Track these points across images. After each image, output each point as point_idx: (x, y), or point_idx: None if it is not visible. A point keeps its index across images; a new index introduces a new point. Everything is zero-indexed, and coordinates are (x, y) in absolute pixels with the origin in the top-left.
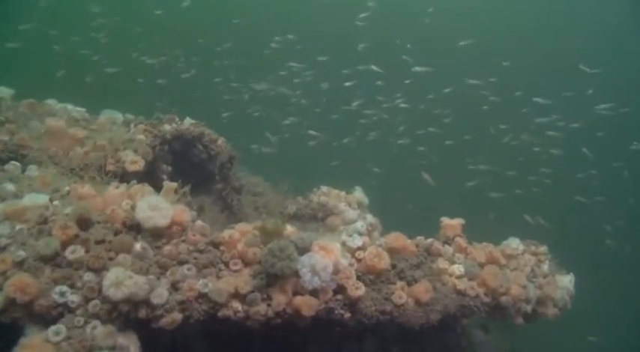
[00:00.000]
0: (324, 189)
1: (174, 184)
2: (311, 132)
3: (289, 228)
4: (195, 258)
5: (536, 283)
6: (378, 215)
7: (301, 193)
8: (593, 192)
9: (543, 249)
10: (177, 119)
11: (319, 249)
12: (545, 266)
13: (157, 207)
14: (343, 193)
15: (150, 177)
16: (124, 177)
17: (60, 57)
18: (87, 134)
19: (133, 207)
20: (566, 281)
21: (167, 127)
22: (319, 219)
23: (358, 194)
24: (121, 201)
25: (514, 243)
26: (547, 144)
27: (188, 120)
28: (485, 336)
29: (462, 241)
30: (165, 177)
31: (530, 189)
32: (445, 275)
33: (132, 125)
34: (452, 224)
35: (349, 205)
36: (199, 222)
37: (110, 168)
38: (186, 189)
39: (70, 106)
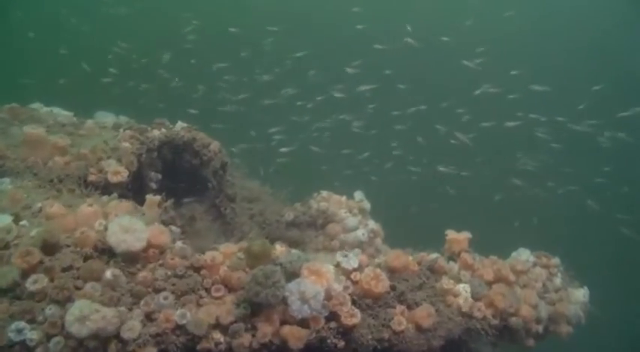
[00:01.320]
0: (325, 194)
1: (158, 198)
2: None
3: (278, 248)
4: (173, 285)
5: (548, 299)
6: (381, 219)
7: (301, 198)
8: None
9: (555, 260)
10: (167, 123)
11: (310, 273)
12: (558, 280)
13: (130, 228)
14: (344, 198)
15: (138, 185)
16: (106, 188)
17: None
18: (71, 141)
19: (106, 228)
20: (580, 295)
21: (156, 133)
22: (318, 226)
23: (359, 199)
24: (95, 220)
25: (524, 255)
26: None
27: (180, 124)
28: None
29: (468, 257)
30: (154, 185)
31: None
32: (449, 296)
33: (121, 130)
34: (458, 238)
35: (350, 211)
36: (179, 244)
37: (92, 178)
38: (170, 202)
39: (57, 110)
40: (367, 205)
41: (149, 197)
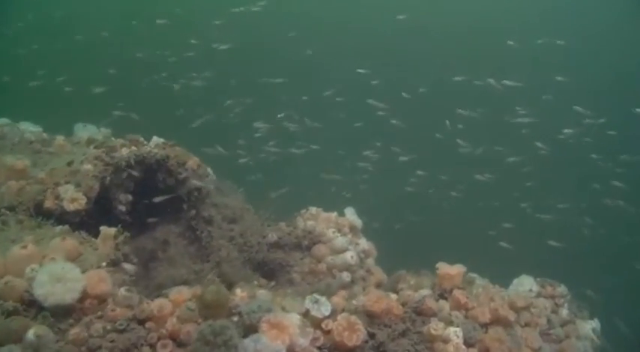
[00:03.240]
0: (313, 210)
1: (112, 230)
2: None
3: (239, 293)
4: (111, 341)
5: (553, 335)
6: (375, 235)
7: (289, 213)
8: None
9: (561, 289)
10: (141, 139)
11: (270, 326)
12: (565, 311)
13: (63, 277)
14: (334, 215)
15: (104, 209)
16: (62, 217)
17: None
18: (37, 160)
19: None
20: (589, 328)
21: (125, 152)
22: (304, 247)
23: (350, 216)
24: (27, 265)
25: (527, 283)
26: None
27: (155, 140)
28: None
29: (461, 295)
30: (123, 208)
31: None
32: (438, 343)
33: (91, 147)
34: (450, 273)
35: (339, 230)
36: (122, 292)
37: (48, 205)
38: (127, 235)
39: (25, 125)
40: (359, 222)
41: (104, 229)
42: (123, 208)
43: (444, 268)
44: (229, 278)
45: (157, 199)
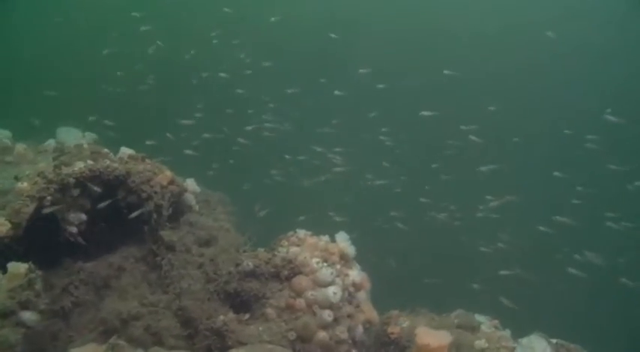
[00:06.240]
0: (301, 234)
1: (23, 267)
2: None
3: None
4: None
5: None
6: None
7: (279, 232)
8: None
9: None
10: (104, 151)
11: None
12: None
13: None
14: (323, 241)
15: (49, 231)
16: None
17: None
18: None
19: None
20: None
21: (79, 166)
22: (283, 278)
23: (342, 242)
24: None
25: (538, 346)
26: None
27: (123, 151)
28: None
29: None
30: (74, 229)
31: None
32: None
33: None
34: (430, 346)
35: (326, 260)
36: None
37: None
38: (39, 273)
39: None
40: (351, 250)
41: (12, 266)
42: (74, 229)
43: (424, 337)
44: (189, 313)
45: (134, 215)
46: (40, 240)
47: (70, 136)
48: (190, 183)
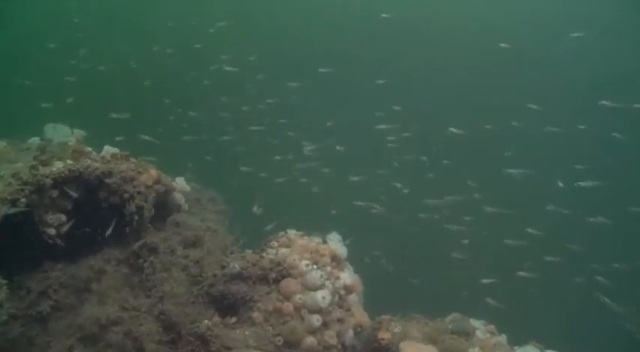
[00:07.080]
0: (291, 234)
1: None
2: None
3: None
4: None
5: None
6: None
7: (262, 234)
8: None
9: None
10: (86, 150)
11: None
12: None
13: None
14: (314, 243)
15: (27, 233)
16: None
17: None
18: None
19: None
20: None
21: (55, 167)
22: (271, 280)
23: (333, 244)
24: None
25: None
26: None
27: (106, 150)
28: None
29: None
30: (53, 231)
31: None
32: None
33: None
34: None
35: (316, 262)
36: None
37: None
38: (3, 281)
39: None
40: (343, 251)
41: None
42: (52, 231)
43: (408, 349)
44: (171, 317)
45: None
46: (16, 243)
47: (58, 133)
48: (180, 182)
